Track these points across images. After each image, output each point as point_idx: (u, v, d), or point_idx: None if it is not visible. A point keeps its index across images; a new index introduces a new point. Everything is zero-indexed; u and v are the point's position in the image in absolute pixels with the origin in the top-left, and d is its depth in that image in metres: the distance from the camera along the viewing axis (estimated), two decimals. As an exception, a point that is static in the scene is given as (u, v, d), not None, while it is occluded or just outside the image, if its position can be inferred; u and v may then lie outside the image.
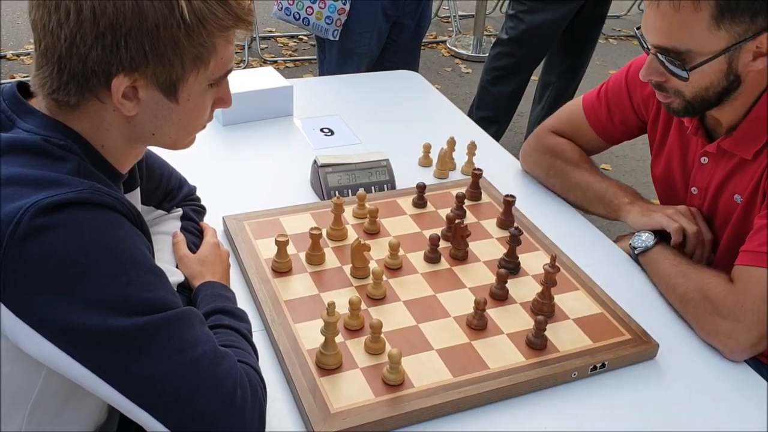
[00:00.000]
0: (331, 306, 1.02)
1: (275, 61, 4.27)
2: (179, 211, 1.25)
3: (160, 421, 0.81)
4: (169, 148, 0.97)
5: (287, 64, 4.28)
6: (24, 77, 1.03)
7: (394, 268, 1.26)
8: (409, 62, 2.48)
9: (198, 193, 1.33)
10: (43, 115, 0.88)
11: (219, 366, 0.84)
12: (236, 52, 4.32)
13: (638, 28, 1.20)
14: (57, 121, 0.87)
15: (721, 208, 1.30)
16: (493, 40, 3.17)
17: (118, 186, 0.96)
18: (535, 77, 3.19)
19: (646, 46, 1.19)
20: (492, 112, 3.08)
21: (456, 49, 4.63)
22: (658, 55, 1.16)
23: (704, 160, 1.31)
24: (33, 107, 0.88)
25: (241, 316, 1.02)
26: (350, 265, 1.24)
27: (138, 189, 1.11)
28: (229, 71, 0.93)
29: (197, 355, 0.83)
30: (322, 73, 2.51)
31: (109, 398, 0.81)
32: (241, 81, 1.78)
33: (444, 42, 4.77)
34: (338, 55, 2.35)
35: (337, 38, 2.29)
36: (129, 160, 0.96)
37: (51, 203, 0.77)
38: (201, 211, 1.29)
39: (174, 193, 1.25)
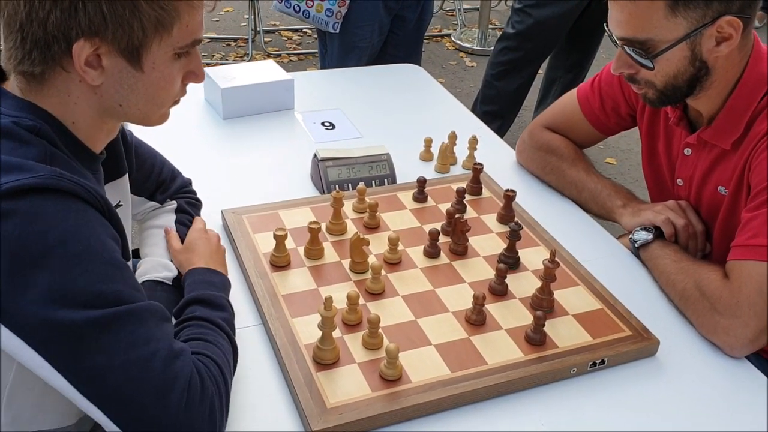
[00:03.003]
0: (328, 300, 1.01)
1: (279, 55, 4.26)
2: (173, 204, 1.25)
3: (110, 418, 0.80)
4: (140, 122, 0.96)
5: (291, 58, 4.27)
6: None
7: (394, 262, 1.25)
8: (412, 55, 2.47)
9: (197, 187, 1.33)
10: (15, 97, 0.88)
11: (171, 365, 0.83)
12: (240, 46, 4.35)
13: (607, 25, 1.21)
14: (28, 101, 0.88)
15: (706, 200, 1.31)
16: (498, 33, 3.15)
17: (95, 168, 0.96)
18: (541, 71, 3.17)
19: (614, 40, 1.20)
20: (497, 107, 3.06)
21: (461, 43, 4.61)
22: (625, 47, 1.18)
23: (687, 151, 1.32)
24: (5, 90, 0.89)
25: (219, 304, 1.01)
26: (349, 259, 1.24)
27: (126, 176, 1.10)
28: (197, 41, 0.92)
29: (148, 352, 0.82)
30: (323, 67, 2.50)
31: (63, 390, 0.81)
32: (242, 74, 1.77)
33: (449, 35, 4.75)
34: (339, 49, 2.34)
35: (337, 31, 2.28)
36: (101, 137, 0.96)
37: (10, 189, 0.78)
38: (196, 204, 1.29)
39: (167, 184, 1.24)
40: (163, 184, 1.23)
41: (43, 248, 0.78)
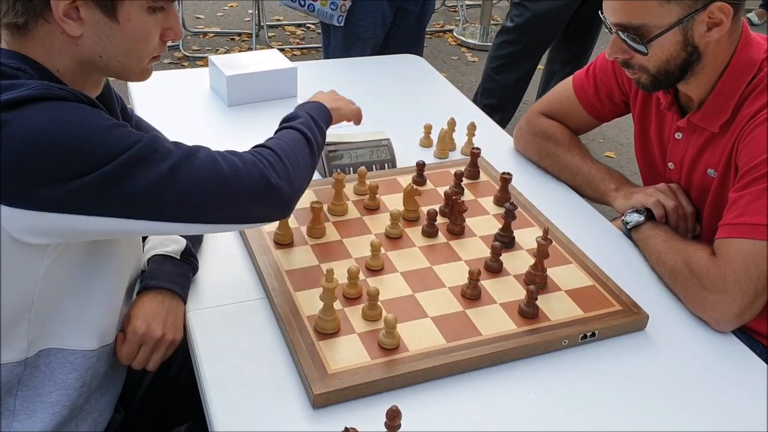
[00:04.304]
0: (330, 272, 1.06)
1: (282, 50, 4.29)
2: None
3: (203, 223, 0.97)
4: (121, 76, 1.01)
5: (294, 53, 4.31)
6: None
7: (395, 237, 1.30)
8: (414, 48, 2.51)
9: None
10: (1, 49, 0.94)
11: (198, 152, 0.98)
12: (243, 41, 4.39)
13: (601, 12, 1.25)
14: (12, 51, 0.94)
15: (696, 182, 1.35)
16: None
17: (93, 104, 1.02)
18: (540, 66, 3.20)
19: (608, 26, 1.24)
20: (497, 100, 3.09)
21: (462, 38, 4.65)
22: (619, 32, 1.22)
23: (678, 135, 1.37)
24: None
25: (308, 124, 1.21)
26: (350, 238, 1.29)
27: None
28: None
29: (181, 152, 0.95)
30: (327, 59, 2.54)
31: (139, 230, 0.93)
32: (246, 62, 1.81)
33: (451, 31, 4.79)
34: (343, 40, 2.38)
35: (341, 24, 2.32)
36: (86, 88, 1.00)
37: (7, 101, 0.85)
38: None
39: None
40: None
41: (57, 138, 0.85)
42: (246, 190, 0.99)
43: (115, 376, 1.11)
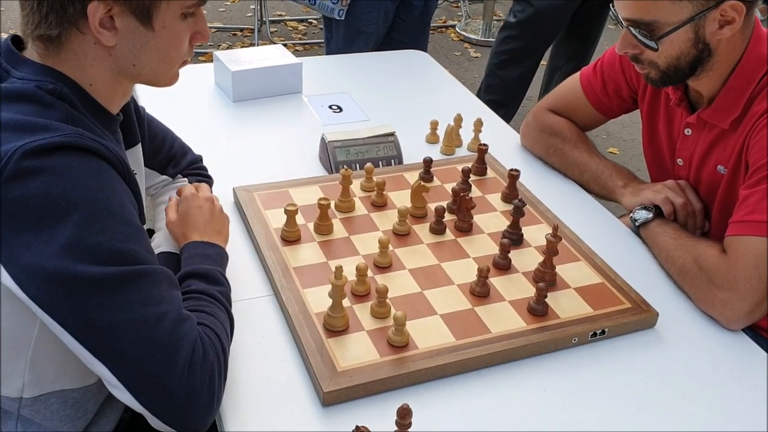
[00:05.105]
0: (339, 269, 1.05)
1: (285, 45, 4.28)
2: (184, 181, 1.28)
3: (113, 372, 0.84)
4: (152, 83, 1.00)
5: (297, 48, 4.30)
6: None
7: (402, 234, 1.29)
8: (418, 42, 2.50)
9: (208, 167, 1.36)
10: (34, 63, 0.92)
11: (179, 327, 0.86)
12: (246, 36, 4.38)
13: (612, 6, 1.24)
14: (47, 66, 0.92)
15: (706, 179, 1.35)
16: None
17: (113, 129, 1.00)
18: (543, 62, 3.19)
19: (619, 20, 1.23)
20: (500, 96, 3.08)
21: (465, 34, 4.64)
22: (630, 28, 1.21)
23: (688, 131, 1.36)
24: (25, 57, 0.93)
25: (215, 278, 1.04)
26: (357, 235, 1.28)
27: (139, 145, 1.14)
28: (202, 1, 0.96)
29: (160, 312, 0.85)
30: (329, 53, 2.53)
31: (70, 345, 0.84)
32: (251, 58, 1.80)
33: (453, 26, 4.78)
34: (345, 35, 2.37)
35: (342, 18, 2.31)
36: (117, 98, 0.99)
37: (37, 147, 0.82)
38: (207, 180, 1.32)
39: (178, 158, 1.28)
40: (175, 158, 1.27)
41: (66, 204, 0.82)
42: (181, 391, 0.85)
43: None
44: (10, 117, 0.85)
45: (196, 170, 1.32)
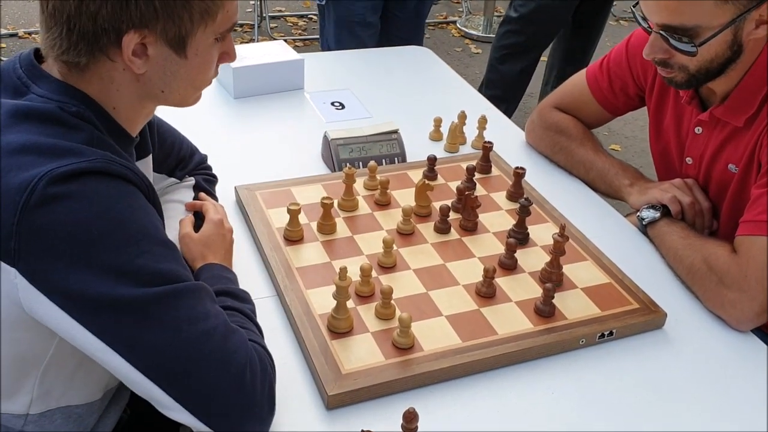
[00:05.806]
0: (343, 270, 1.03)
1: (284, 40, 4.26)
2: (192, 180, 1.27)
3: (169, 393, 0.81)
4: (176, 105, 0.97)
5: (296, 43, 4.28)
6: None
7: (407, 233, 1.27)
8: (413, 37, 2.51)
9: (210, 164, 1.34)
10: (55, 80, 0.88)
11: (229, 340, 0.84)
12: (245, 32, 4.35)
13: (635, 5, 1.21)
14: (69, 85, 0.88)
15: (716, 178, 1.32)
16: (504, 20, 3.16)
17: (130, 151, 0.97)
18: (544, 58, 3.17)
19: (646, 26, 1.20)
20: (501, 91, 3.06)
21: (466, 30, 4.62)
22: (662, 33, 1.16)
23: (698, 129, 1.33)
24: (46, 72, 0.89)
25: (245, 298, 1.03)
26: (361, 234, 1.26)
27: (150, 156, 1.12)
28: (234, 24, 0.94)
29: (208, 327, 0.83)
30: (322, 43, 2.53)
31: (118, 370, 0.82)
32: (252, 54, 1.78)
33: (454, 22, 4.76)
34: (334, 24, 2.38)
35: (323, 2, 2.32)
36: (140, 120, 0.97)
37: (65, 172, 0.79)
38: (212, 180, 1.31)
39: (186, 161, 1.26)
40: (183, 161, 1.25)
41: (100, 229, 0.79)
42: (242, 403, 0.84)
43: (121, 396, 1.09)
44: (34, 139, 0.82)
45: (202, 170, 1.30)
